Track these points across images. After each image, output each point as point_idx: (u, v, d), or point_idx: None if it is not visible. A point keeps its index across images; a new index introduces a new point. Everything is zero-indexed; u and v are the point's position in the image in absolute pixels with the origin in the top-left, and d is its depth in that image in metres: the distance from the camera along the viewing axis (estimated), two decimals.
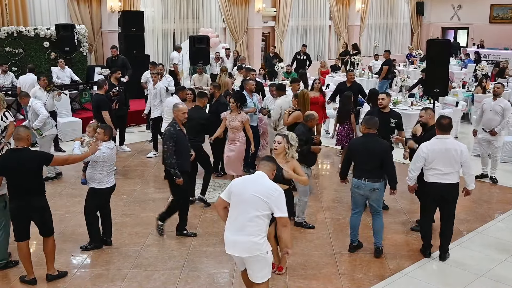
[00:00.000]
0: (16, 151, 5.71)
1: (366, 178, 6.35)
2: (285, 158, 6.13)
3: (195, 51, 13.92)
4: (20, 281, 5.97)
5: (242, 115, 8.55)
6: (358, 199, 6.57)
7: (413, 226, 7.53)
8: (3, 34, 13.50)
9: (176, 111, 7.05)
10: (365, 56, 23.24)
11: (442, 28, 27.17)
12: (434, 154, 6.29)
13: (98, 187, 6.65)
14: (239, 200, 4.77)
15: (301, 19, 22.13)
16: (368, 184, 6.36)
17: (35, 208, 5.79)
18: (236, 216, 4.77)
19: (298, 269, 6.33)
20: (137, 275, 6.16)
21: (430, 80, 10.19)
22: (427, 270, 6.38)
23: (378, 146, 6.38)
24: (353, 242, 6.77)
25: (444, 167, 6.26)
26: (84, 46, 15.07)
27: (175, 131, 6.86)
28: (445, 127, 6.37)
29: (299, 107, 8.55)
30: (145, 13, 15.92)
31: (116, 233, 7.25)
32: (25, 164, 5.64)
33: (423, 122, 7.51)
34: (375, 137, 6.46)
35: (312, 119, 7.46)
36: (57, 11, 15.59)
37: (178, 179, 6.84)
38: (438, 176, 6.30)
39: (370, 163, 6.33)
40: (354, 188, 6.53)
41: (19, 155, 5.67)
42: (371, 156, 6.33)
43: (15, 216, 5.79)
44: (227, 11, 19.23)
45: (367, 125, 6.48)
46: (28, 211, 5.75)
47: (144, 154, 11.22)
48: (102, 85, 9.69)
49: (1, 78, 12.54)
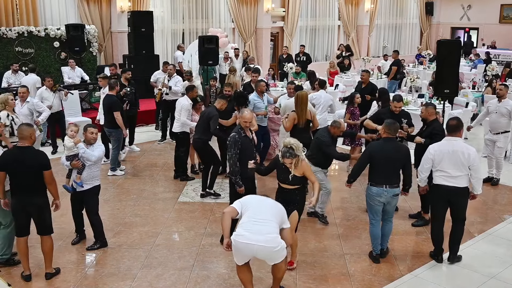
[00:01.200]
0: (20, 148, 5.79)
1: (387, 185, 6.25)
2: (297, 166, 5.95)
3: (205, 51, 13.93)
4: (21, 277, 6.05)
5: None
6: (378, 208, 6.41)
7: (414, 222, 7.64)
8: (14, 34, 13.58)
9: (239, 117, 6.99)
10: (374, 56, 23.20)
11: (452, 28, 27.04)
12: (441, 155, 6.24)
13: (99, 183, 6.75)
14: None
15: (310, 19, 22.10)
16: (390, 191, 6.27)
17: (35, 206, 5.85)
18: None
19: (308, 269, 6.34)
20: (147, 274, 6.19)
21: (440, 81, 10.14)
22: (437, 271, 6.36)
23: (400, 151, 6.30)
24: (377, 252, 6.59)
25: (452, 170, 6.20)
26: (93, 46, 15.13)
27: (240, 138, 6.61)
28: (452, 128, 6.34)
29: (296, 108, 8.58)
30: (154, 13, 15.95)
31: (126, 233, 7.30)
32: (26, 162, 5.70)
33: (422, 117, 7.66)
34: (395, 142, 6.39)
35: (337, 127, 7.24)
36: (67, 11, 15.69)
37: (239, 188, 6.56)
38: (446, 179, 6.24)
39: (391, 168, 6.26)
40: (374, 197, 6.34)
41: (22, 153, 5.74)
42: (393, 162, 6.25)
43: (15, 211, 5.88)
44: (236, 11, 19.25)
45: (388, 130, 6.34)
46: (27, 208, 5.82)
47: (153, 154, 11.27)
48: (114, 86, 9.72)
49: (11, 78, 12.61)
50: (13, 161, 5.72)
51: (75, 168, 6.53)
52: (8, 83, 12.50)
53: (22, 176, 5.72)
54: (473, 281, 6.13)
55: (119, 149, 9.91)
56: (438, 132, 7.25)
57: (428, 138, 7.30)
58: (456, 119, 6.48)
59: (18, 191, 5.77)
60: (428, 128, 7.51)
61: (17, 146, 5.89)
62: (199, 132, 8.61)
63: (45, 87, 10.64)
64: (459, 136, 6.36)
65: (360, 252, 6.81)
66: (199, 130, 8.62)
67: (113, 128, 9.57)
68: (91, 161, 6.47)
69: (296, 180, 5.97)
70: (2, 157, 5.94)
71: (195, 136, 8.74)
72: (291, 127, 8.26)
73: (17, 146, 5.89)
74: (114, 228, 7.45)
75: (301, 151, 5.98)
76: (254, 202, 5.42)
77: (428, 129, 7.49)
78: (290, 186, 6.02)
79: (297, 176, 5.95)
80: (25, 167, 5.69)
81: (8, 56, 13.57)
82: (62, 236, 7.11)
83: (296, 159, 5.90)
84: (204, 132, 8.52)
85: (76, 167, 6.52)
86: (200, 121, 8.67)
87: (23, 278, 6.01)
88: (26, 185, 5.74)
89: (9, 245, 6.34)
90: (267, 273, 5.90)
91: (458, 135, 6.35)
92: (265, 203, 5.43)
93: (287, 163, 5.91)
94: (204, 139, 8.58)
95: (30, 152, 5.79)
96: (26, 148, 5.77)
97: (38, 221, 5.95)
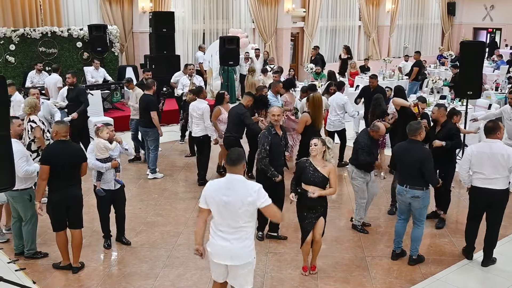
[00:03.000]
0: (63, 142, 6.04)
1: (408, 185, 6.27)
2: (323, 161, 6.01)
3: (225, 51, 13.99)
4: (53, 267, 6.26)
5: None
6: (402, 206, 6.49)
7: (436, 223, 7.63)
8: (38, 34, 13.78)
9: (269, 112, 7.13)
10: (394, 57, 23.05)
11: (474, 28, 26.72)
12: (479, 157, 6.21)
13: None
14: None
15: (331, 20, 22.03)
16: (410, 191, 6.26)
17: (75, 199, 6.08)
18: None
19: (329, 271, 6.33)
20: (169, 274, 6.23)
21: (463, 82, 10.04)
22: (460, 275, 6.30)
23: (419, 153, 6.26)
24: (396, 250, 6.62)
25: (489, 172, 6.16)
26: (115, 46, 15.29)
27: (269, 135, 6.73)
28: (489, 130, 6.30)
29: (309, 110, 8.66)
30: (175, 13, 16.05)
31: (148, 233, 7.37)
32: (71, 154, 6.01)
33: (433, 118, 7.65)
34: (418, 144, 6.34)
35: (376, 131, 7.15)
36: (90, 12, 15.88)
37: (277, 178, 6.68)
38: (483, 181, 6.21)
39: (411, 169, 6.23)
40: (397, 195, 6.50)
41: (66, 146, 6.03)
42: (413, 164, 6.22)
43: (57, 206, 6.00)
44: (257, 11, 19.27)
45: (408, 131, 6.37)
46: (67, 202, 6.00)
47: (174, 154, 11.35)
48: (151, 86, 9.74)
49: (35, 77, 12.81)
50: (60, 154, 5.93)
51: (114, 167, 6.56)
52: (32, 82, 12.69)
53: (67, 169, 5.93)
54: (498, 285, 6.07)
55: (157, 149, 9.84)
56: (456, 132, 7.30)
57: (448, 140, 7.28)
58: (492, 121, 6.49)
59: (62, 184, 5.94)
60: (443, 129, 7.48)
61: (59, 140, 6.05)
62: (230, 129, 8.70)
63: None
64: (498, 138, 6.29)
65: (382, 254, 6.78)
66: (230, 127, 8.72)
67: (149, 128, 9.56)
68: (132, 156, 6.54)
69: (321, 179, 5.95)
70: (47, 151, 6.14)
71: (226, 133, 8.80)
72: (302, 130, 8.31)
73: (59, 140, 6.05)
74: (136, 227, 7.52)
75: (332, 148, 6.08)
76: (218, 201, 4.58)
77: (443, 131, 7.46)
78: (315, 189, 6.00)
79: (322, 174, 5.94)
80: (70, 159, 5.96)
81: (32, 56, 13.78)
82: (85, 235, 7.14)
83: (323, 149, 5.98)
84: (234, 129, 8.63)
85: (116, 166, 6.58)
86: (230, 118, 8.74)
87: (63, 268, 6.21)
88: (69, 178, 5.97)
89: (33, 240, 6.50)
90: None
91: (496, 137, 6.28)
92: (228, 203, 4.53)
93: (313, 143, 5.98)
94: (236, 136, 8.65)
95: (72, 145, 6.17)
96: (67, 142, 6.09)
97: (74, 215, 6.11)
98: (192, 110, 9.32)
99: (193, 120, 9.30)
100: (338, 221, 7.77)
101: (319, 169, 5.95)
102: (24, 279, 6.00)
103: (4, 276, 5.52)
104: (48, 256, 6.51)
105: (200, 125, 9.19)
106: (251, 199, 4.52)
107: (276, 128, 6.81)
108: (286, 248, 6.90)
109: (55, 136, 6.07)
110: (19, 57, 13.59)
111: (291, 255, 6.69)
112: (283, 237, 7.16)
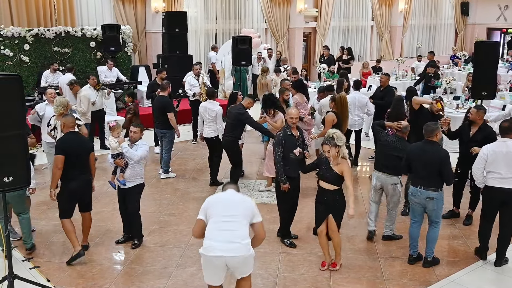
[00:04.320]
0: (74, 133, 6.52)
1: (421, 185, 6.21)
2: (336, 159, 6.03)
3: (238, 51, 13.98)
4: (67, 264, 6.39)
5: (278, 116, 8.80)
6: (416, 208, 6.41)
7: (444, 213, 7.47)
8: (52, 34, 13.86)
9: (286, 115, 7.18)
10: (407, 57, 22.93)
11: (488, 29, 26.49)
12: (495, 156, 6.17)
13: (143, 181, 6.88)
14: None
15: (343, 20, 21.97)
16: (424, 192, 6.20)
17: (88, 185, 6.55)
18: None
19: (342, 272, 6.31)
20: (182, 273, 6.25)
21: (477, 82, 9.96)
22: (475, 276, 6.26)
23: (436, 153, 6.20)
24: (412, 254, 6.54)
25: (505, 171, 6.14)
26: (128, 46, 15.34)
27: (284, 137, 6.73)
28: (504, 130, 6.27)
29: (336, 110, 8.66)
30: (188, 13, 16.08)
31: (161, 232, 7.39)
32: (83, 145, 6.50)
33: (471, 119, 7.56)
34: (434, 144, 6.29)
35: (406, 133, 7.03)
36: (103, 12, 15.94)
37: (284, 184, 6.70)
38: (499, 180, 6.18)
39: (426, 170, 6.18)
40: (410, 196, 6.41)
41: (77, 137, 6.52)
42: (428, 164, 6.17)
43: (73, 195, 6.41)
44: (269, 11, 19.26)
45: (425, 132, 6.32)
46: (83, 189, 6.48)
47: (186, 154, 11.39)
48: (166, 87, 9.74)
49: (50, 77, 12.88)
50: (73, 144, 6.37)
51: (119, 166, 6.67)
52: (46, 82, 12.78)
53: (80, 158, 6.38)
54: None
55: (171, 151, 9.85)
56: (495, 137, 7.11)
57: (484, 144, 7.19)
58: (508, 121, 6.45)
59: (77, 173, 6.34)
60: (481, 132, 7.36)
61: (70, 132, 6.50)
62: (229, 130, 8.71)
63: (88, 86, 10.84)
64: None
65: (395, 255, 6.75)
66: (228, 128, 8.73)
67: (166, 129, 9.58)
68: (134, 160, 6.59)
69: (334, 177, 6.01)
70: (63, 141, 6.44)
71: (225, 134, 8.80)
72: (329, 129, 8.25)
73: (70, 132, 6.50)
74: (149, 226, 7.54)
75: (343, 144, 6.04)
76: (218, 203, 4.90)
77: (481, 134, 7.34)
78: (328, 186, 6.07)
79: (335, 173, 5.99)
80: (82, 149, 6.44)
81: (46, 56, 13.85)
82: (99, 234, 7.25)
83: (337, 150, 5.98)
84: (232, 130, 8.64)
85: (119, 165, 6.64)
86: (229, 119, 8.73)
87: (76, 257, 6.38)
88: (82, 166, 6.41)
89: (29, 232, 6.74)
90: None
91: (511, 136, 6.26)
92: (230, 201, 4.88)
93: (325, 150, 6.00)
94: (233, 137, 8.67)
95: (81, 136, 6.73)
96: (77, 133, 6.63)
97: (87, 199, 6.62)
98: (203, 111, 9.29)
99: (205, 122, 9.27)
100: (351, 222, 7.72)
101: (332, 166, 6.02)
102: (39, 277, 6.05)
103: (18, 274, 5.56)
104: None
105: (212, 126, 9.18)
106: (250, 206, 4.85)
107: (293, 129, 6.79)
108: (299, 248, 6.89)
109: (64, 128, 6.53)
110: (33, 56, 13.67)
111: (304, 256, 6.68)
112: (294, 236, 7.16)
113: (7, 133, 5.00)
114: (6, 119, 4.97)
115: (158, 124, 9.74)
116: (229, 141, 8.71)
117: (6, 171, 5.08)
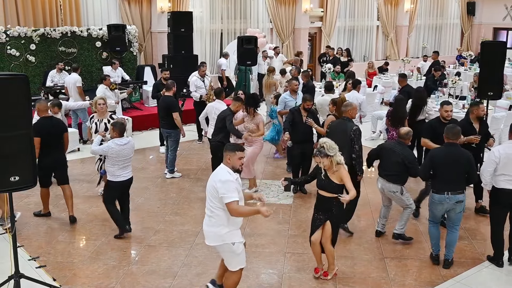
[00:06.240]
0: (46, 118, 7.47)
1: (449, 191, 6.09)
2: (332, 169, 5.86)
3: (243, 51, 13.99)
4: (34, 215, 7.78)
5: (258, 118, 8.68)
6: (439, 214, 6.33)
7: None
8: (58, 34, 13.90)
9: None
10: (413, 57, 22.88)
11: (494, 29, 26.38)
12: (507, 158, 6.13)
13: (111, 179, 7.05)
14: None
15: (349, 20, 21.92)
16: (453, 197, 6.11)
17: (61, 161, 7.59)
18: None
19: (347, 272, 6.30)
20: (188, 273, 6.25)
21: (484, 82, 9.91)
22: (481, 277, 6.24)
23: (463, 155, 6.14)
24: (437, 253, 6.50)
25: None
26: (134, 46, 15.38)
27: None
28: None
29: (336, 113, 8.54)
30: (193, 13, 16.09)
31: (166, 231, 7.41)
32: (56, 127, 7.47)
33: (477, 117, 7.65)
34: (457, 147, 6.22)
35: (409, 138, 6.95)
36: (109, 12, 15.98)
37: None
38: (510, 182, 6.15)
39: (453, 175, 6.10)
40: (437, 205, 6.22)
41: (49, 121, 7.46)
42: (455, 168, 6.10)
43: (47, 168, 7.41)
44: (274, 11, 19.26)
45: (448, 135, 6.21)
46: (55, 164, 7.50)
47: (191, 153, 11.40)
48: (171, 87, 9.75)
49: (56, 77, 12.92)
50: (46, 127, 7.30)
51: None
52: (52, 81, 12.82)
53: (54, 138, 7.37)
54: None
55: (176, 150, 9.86)
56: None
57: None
58: None
59: (49, 151, 7.28)
60: (483, 125, 7.46)
61: (44, 117, 7.44)
62: (216, 133, 8.56)
63: (104, 86, 10.90)
64: None
65: (401, 256, 6.74)
66: (216, 131, 8.58)
67: (172, 129, 9.58)
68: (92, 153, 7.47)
69: (333, 188, 5.86)
70: (37, 125, 7.04)
71: (212, 138, 8.70)
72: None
73: (44, 117, 7.44)
74: (155, 226, 7.56)
75: (335, 153, 5.84)
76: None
77: (484, 126, 7.43)
78: (326, 193, 5.92)
79: (334, 184, 5.85)
80: (54, 131, 7.40)
81: (52, 55, 13.91)
82: (105, 234, 7.27)
83: (329, 160, 5.81)
84: (220, 134, 8.47)
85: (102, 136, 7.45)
86: (217, 122, 8.59)
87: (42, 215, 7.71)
88: (55, 145, 7.42)
89: None
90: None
91: None
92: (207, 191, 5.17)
93: (317, 161, 5.93)
94: (222, 142, 8.22)
95: (54, 119, 7.65)
96: (50, 117, 7.60)
97: (62, 174, 7.66)
98: (211, 111, 9.28)
99: (211, 122, 9.24)
100: (357, 222, 7.72)
101: (330, 177, 5.86)
102: (45, 276, 6.07)
103: (25, 273, 5.59)
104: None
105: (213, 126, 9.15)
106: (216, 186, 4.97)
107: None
108: (305, 248, 6.87)
109: (38, 113, 7.39)
110: (39, 56, 13.72)
111: (310, 256, 6.64)
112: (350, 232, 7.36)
113: (14, 132, 5.02)
114: (12, 119, 4.99)
115: (164, 124, 9.76)
116: (217, 146, 8.31)
117: (12, 171, 5.10)
